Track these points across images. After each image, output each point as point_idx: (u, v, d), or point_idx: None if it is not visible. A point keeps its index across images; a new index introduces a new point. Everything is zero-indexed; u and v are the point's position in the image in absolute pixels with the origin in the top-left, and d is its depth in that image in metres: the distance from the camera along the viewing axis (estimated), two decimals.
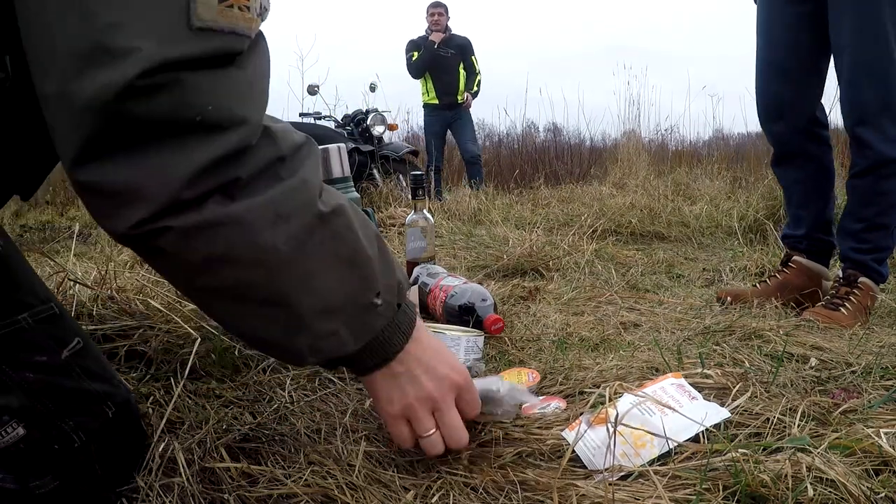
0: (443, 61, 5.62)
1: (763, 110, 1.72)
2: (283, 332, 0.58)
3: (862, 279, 1.59)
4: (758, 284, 1.75)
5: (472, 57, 5.75)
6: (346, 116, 5.12)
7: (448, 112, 5.72)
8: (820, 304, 1.60)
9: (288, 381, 1.03)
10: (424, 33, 5.76)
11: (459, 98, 5.67)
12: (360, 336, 0.62)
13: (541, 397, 1.02)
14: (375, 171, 4.48)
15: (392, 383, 0.68)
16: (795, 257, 1.72)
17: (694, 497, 0.70)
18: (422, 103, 5.84)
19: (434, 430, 0.72)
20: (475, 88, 5.76)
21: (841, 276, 1.63)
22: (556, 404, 0.98)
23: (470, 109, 5.84)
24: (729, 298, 1.67)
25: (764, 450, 0.78)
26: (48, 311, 0.64)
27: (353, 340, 0.62)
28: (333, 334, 0.60)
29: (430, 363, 0.69)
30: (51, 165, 0.68)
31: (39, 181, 0.67)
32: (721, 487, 0.70)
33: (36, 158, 0.63)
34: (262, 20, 0.55)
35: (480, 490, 0.76)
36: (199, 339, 0.97)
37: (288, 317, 0.57)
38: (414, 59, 5.69)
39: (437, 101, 5.71)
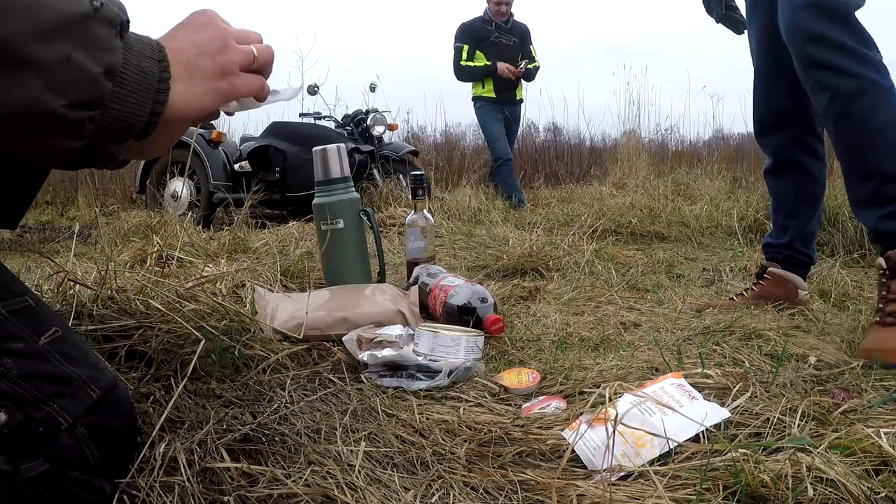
0: (505, 51, 4.80)
1: (759, 121, 1.67)
2: (6, 80, 0.49)
3: None
4: (735, 297, 1.72)
5: (531, 46, 4.99)
6: (346, 116, 5.10)
7: (505, 109, 4.92)
8: (875, 321, 1.23)
9: (288, 381, 1.03)
10: (483, 16, 4.91)
11: (519, 94, 4.92)
12: (97, 55, 0.53)
13: (541, 397, 1.02)
14: (375, 171, 4.48)
15: (195, 84, 0.62)
16: (770, 269, 1.68)
17: (694, 497, 0.70)
18: (472, 95, 4.95)
19: (254, 77, 0.67)
20: (531, 65, 4.91)
21: (885, 266, 1.26)
22: (556, 404, 0.98)
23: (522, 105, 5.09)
24: (709, 309, 1.65)
25: (764, 450, 0.78)
26: (22, 303, 0.66)
27: (93, 61, 0.53)
28: (66, 61, 0.51)
29: (200, 41, 0.63)
30: (33, 193, 0.68)
31: (22, 211, 0.67)
32: (721, 487, 0.70)
33: (16, 188, 0.63)
34: None
35: (480, 490, 0.76)
36: (200, 340, 0.97)
37: None
38: (464, 59, 4.82)
39: (493, 95, 4.83)
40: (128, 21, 0.58)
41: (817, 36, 1.28)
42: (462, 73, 4.84)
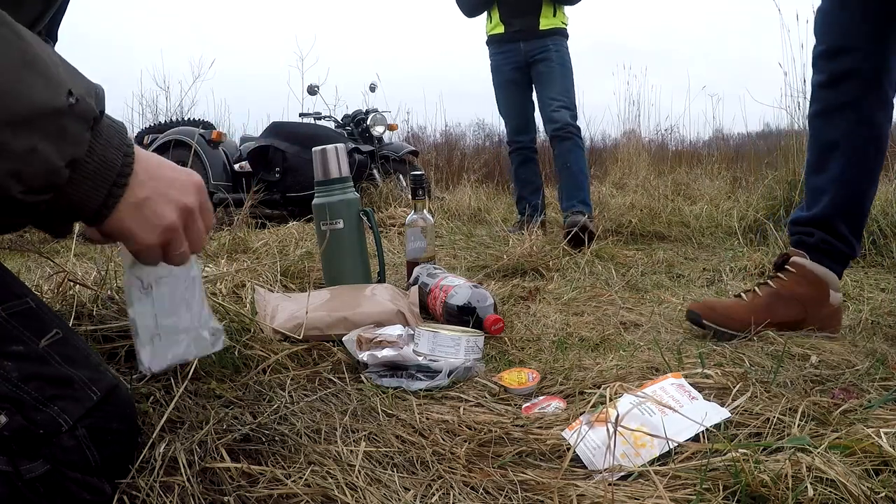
0: None
1: (827, 40, 1.31)
2: None
3: None
4: (743, 294, 1.35)
5: None
6: (346, 116, 5.10)
7: (522, 46, 3.08)
8: None
9: (288, 381, 1.03)
10: None
11: (547, 21, 3.03)
12: (64, 148, 0.54)
13: (541, 397, 1.02)
14: (375, 171, 4.48)
15: (144, 211, 0.61)
16: (795, 258, 1.32)
17: (694, 497, 0.70)
18: (485, 40, 3.25)
19: (185, 244, 0.66)
20: None
21: None
22: (556, 404, 0.98)
23: (563, 40, 3.09)
24: (705, 322, 1.32)
25: (764, 450, 0.78)
26: (23, 304, 0.66)
27: (58, 154, 0.54)
28: (32, 151, 0.52)
29: (169, 176, 0.63)
30: None
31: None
32: (721, 487, 0.70)
33: None
34: None
35: (480, 490, 0.76)
36: None
37: None
38: None
39: (502, 31, 3.11)
40: (102, 111, 0.58)
41: None
42: (460, 3, 3.20)
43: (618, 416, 0.80)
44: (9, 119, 0.50)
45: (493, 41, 3.20)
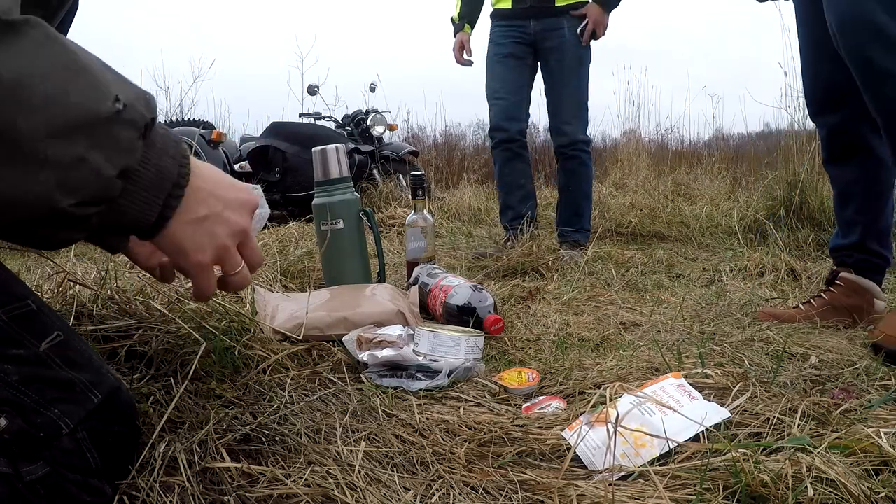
0: None
1: (812, 99, 1.46)
2: (20, 173, 0.48)
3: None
4: (801, 305, 1.53)
5: None
6: (346, 116, 5.11)
7: (531, 24, 2.51)
8: None
9: (288, 381, 1.03)
10: None
11: None
12: (115, 156, 0.52)
13: (541, 397, 1.02)
14: (375, 172, 4.48)
15: (199, 229, 0.59)
16: (843, 274, 1.49)
17: (694, 497, 0.70)
18: (489, 13, 2.69)
19: (242, 263, 0.65)
20: None
21: None
22: (556, 404, 0.98)
23: (589, 41, 2.51)
24: (768, 322, 1.47)
25: (764, 450, 0.78)
26: (24, 307, 0.66)
27: (109, 163, 0.51)
28: (81, 161, 0.50)
29: (225, 195, 0.62)
30: None
31: None
32: (721, 487, 0.70)
33: None
34: None
35: (480, 490, 0.76)
36: (200, 340, 0.97)
37: (13, 148, 0.47)
38: None
39: (508, 5, 2.55)
40: (154, 118, 0.56)
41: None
42: None
43: (618, 416, 0.80)
44: (54, 128, 0.48)
45: (496, 15, 2.62)
